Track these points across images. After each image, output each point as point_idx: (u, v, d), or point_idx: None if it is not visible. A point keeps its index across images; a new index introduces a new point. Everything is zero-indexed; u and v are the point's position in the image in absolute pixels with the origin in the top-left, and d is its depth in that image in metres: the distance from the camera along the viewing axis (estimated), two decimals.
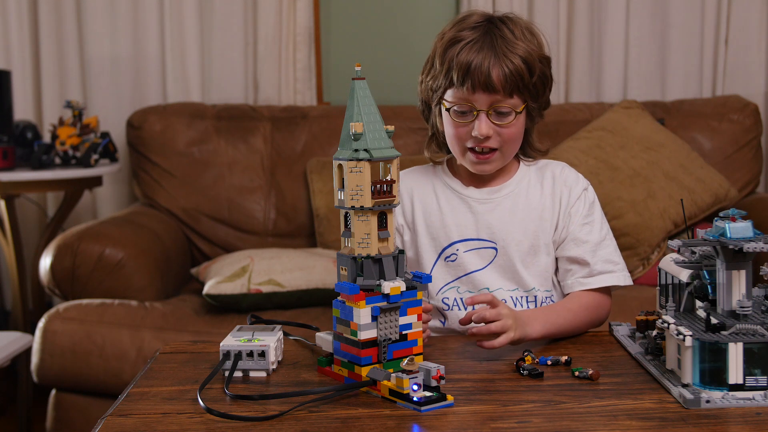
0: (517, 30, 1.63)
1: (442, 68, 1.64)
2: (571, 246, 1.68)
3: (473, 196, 1.70)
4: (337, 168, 1.35)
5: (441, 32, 1.68)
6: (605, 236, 1.70)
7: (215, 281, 2.71)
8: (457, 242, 1.69)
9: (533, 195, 1.70)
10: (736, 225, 1.28)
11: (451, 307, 1.69)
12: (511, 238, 1.68)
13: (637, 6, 3.52)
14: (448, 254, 1.69)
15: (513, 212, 1.69)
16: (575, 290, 1.67)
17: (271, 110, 3.38)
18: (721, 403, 1.24)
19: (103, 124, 3.41)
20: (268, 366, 1.42)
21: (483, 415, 1.24)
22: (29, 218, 3.58)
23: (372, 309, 1.33)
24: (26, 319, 3.18)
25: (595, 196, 1.73)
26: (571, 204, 1.69)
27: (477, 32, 1.62)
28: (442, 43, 1.65)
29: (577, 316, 1.60)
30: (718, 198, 3.13)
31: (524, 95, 1.63)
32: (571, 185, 1.71)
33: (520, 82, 1.60)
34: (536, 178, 1.72)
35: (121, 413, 1.28)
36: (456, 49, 1.62)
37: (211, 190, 3.27)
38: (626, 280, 1.69)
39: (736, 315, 1.28)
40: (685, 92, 3.55)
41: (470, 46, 1.61)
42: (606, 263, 1.67)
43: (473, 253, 1.68)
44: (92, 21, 3.47)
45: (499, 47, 1.60)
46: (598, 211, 1.71)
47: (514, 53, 1.60)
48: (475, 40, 1.61)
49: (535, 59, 1.62)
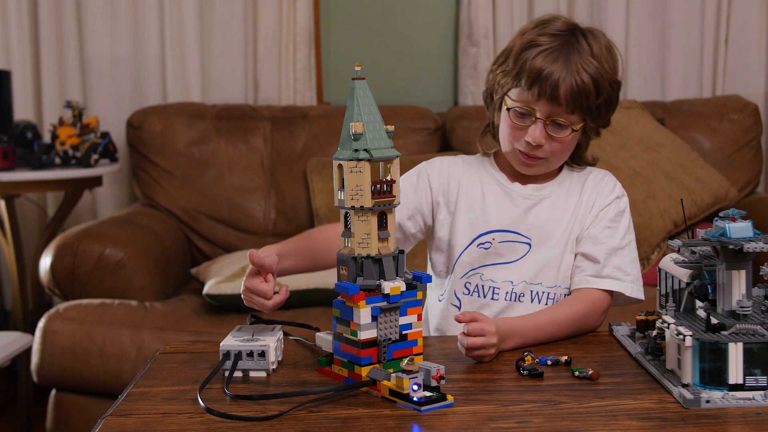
0: (596, 46, 1.64)
1: (515, 67, 1.64)
2: (588, 243, 1.69)
3: (517, 190, 1.72)
4: (337, 168, 1.35)
5: (522, 29, 1.69)
6: (626, 246, 1.69)
7: (215, 281, 2.71)
8: (495, 231, 1.70)
9: (572, 198, 1.72)
10: (736, 225, 1.28)
11: (471, 293, 1.70)
12: (547, 237, 1.69)
13: (637, 6, 3.53)
14: (483, 241, 1.70)
15: (552, 211, 1.70)
16: (580, 287, 1.67)
17: (271, 110, 3.38)
18: (721, 403, 1.24)
19: (103, 124, 3.41)
20: (268, 366, 1.42)
21: (483, 415, 1.24)
22: (29, 218, 3.58)
23: (372, 309, 1.33)
24: (26, 319, 3.18)
25: (627, 207, 1.73)
26: (601, 207, 1.71)
27: (556, 41, 1.63)
28: (521, 42, 1.65)
29: (560, 329, 1.59)
30: (718, 198, 3.13)
31: (585, 114, 1.64)
32: (607, 191, 1.72)
33: (585, 100, 1.62)
34: (577, 182, 1.74)
35: (121, 413, 1.28)
36: (532, 53, 1.62)
37: (211, 190, 3.27)
38: (634, 292, 1.67)
39: (736, 315, 1.28)
40: (685, 92, 3.56)
41: (546, 54, 1.61)
42: (617, 270, 1.67)
43: (507, 245, 1.70)
44: (92, 21, 3.47)
45: (574, 62, 1.60)
46: (626, 221, 1.71)
47: (586, 71, 1.60)
48: (553, 49, 1.62)
49: (605, 81, 1.63)
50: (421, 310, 1.38)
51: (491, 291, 1.69)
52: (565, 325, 1.59)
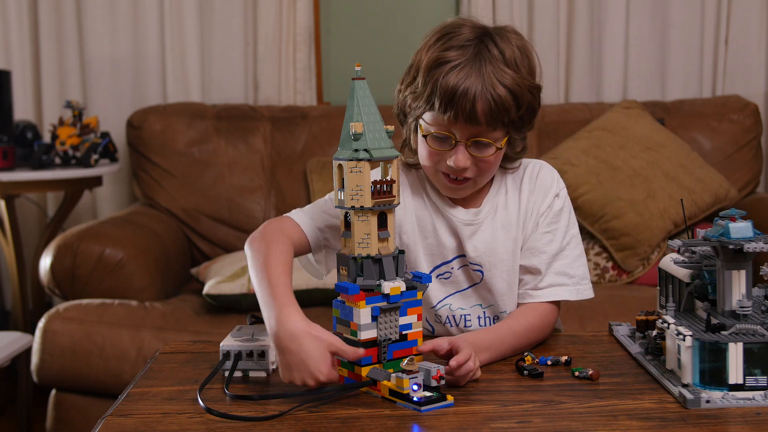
0: (509, 50, 1.50)
1: (425, 89, 1.51)
2: (528, 255, 1.61)
3: (459, 216, 1.61)
4: (337, 168, 1.35)
5: (426, 43, 1.54)
6: (566, 246, 1.61)
7: (215, 281, 2.71)
8: (453, 260, 1.63)
9: (512, 208, 1.63)
10: (736, 225, 1.28)
11: (444, 323, 1.65)
12: (497, 260, 1.61)
13: (637, 6, 3.53)
14: (442, 271, 1.63)
15: (494, 232, 1.61)
16: (525, 302, 1.61)
17: (271, 110, 3.38)
18: (721, 403, 1.24)
19: (103, 124, 3.41)
20: (268, 366, 1.42)
21: (483, 415, 1.24)
22: (29, 218, 3.58)
23: (372, 309, 1.33)
24: (26, 319, 3.18)
25: (565, 202, 1.63)
26: (540, 213, 1.62)
27: (465, 53, 1.49)
28: (427, 61, 1.51)
29: (519, 341, 1.52)
30: (718, 198, 3.13)
31: (508, 127, 1.52)
32: (545, 189, 1.63)
33: (505, 115, 1.49)
34: (513, 186, 1.64)
35: (121, 413, 1.28)
36: (441, 72, 1.48)
37: (211, 190, 3.27)
38: (579, 295, 1.61)
39: (736, 315, 1.28)
40: (685, 92, 3.55)
41: (457, 72, 1.47)
42: (559, 275, 1.60)
43: (465, 271, 1.63)
44: (92, 21, 3.47)
45: (487, 75, 1.47)
46: (565, 218, 1.62)
47: (501, 83, 1.47)
48: (462, 64, 1.48)
49: (524, 90, 1.50)
50: (420, 311, 1.38)
51: (462, 319, 1.64)
52: (522, 338, 1.53)
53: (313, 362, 1.28)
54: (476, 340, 1.46)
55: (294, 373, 1.30)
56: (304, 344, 1.29)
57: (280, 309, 1.32)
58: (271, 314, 1.33)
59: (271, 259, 1.41)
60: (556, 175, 1.66)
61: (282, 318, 1.31)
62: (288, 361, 1.30)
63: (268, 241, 1.45)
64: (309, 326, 1.30)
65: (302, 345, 1.29)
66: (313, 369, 1.28)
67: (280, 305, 1.33)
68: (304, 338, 1.29)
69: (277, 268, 1.40)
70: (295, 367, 1.29)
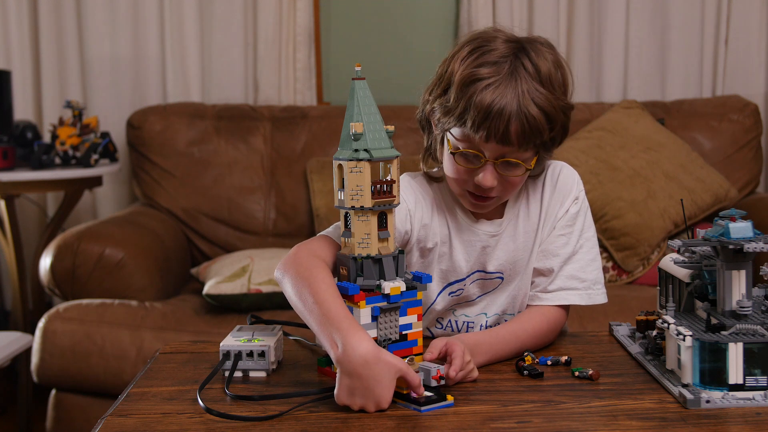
0: (544, 66, 1.47)
1: (457, 105, 1.47)
2: (541, 257, 1.60)
3: (483, 229, 1.59)
4: (337, 168, 1.35)
5: (458, 55, 1.50)
6: (579, 249, 1.60)
7: (215, 281, 2.71)
8: (466, 278, 1.61)
9: (533, 213, 1.62)
10: (736, 225, 1.28)
11: (444, 328, 1.64)
12: (520, 266, 1.61)
13: (637, 6, 3.53)
14: (454, 289, 1.62)
15: (515, 239, 1.60)
16: (533, 304, 1.60)
17: (271, 110, 3.38)
18: (721, 403, 1.24)
19: (103, 124, 3.41)
20: (268, 366, 1.42)
21: (483, 415, 1.24)
22: (29, 218, 3.58)
23: (372, 309, 1.33)
24: (26, 319, 3.18)
25: (582, 205, 1.62)
26: (558, 217, 1.61)
27: (500, 71, 1.45)
28: (461, 76, 1.47)
29: (523, 345, 1.51)
30: (718, 198, 3.13)
31: (539, 148, 1.50)
32: (565, 192, 1.61)
33: (538, 138, 1.46)
34: (533, 189, 1.63)
35: (121, 413, 1.28)
36: (475, 89, 1.44)
37: (211, 190, 3.27)
38: (590, 300, 1.59)
39: (736, 315, 1.28)
40: (685, 92, 3.56)
41: (492, 91, 1.43)
42: (569, 279, 1.59)
43: (478, 284, 1.62)
44: (92, 21, 3.47)
45: (522, 95, 1.43)
46: (581, 221, 1.61)
47: (536, 104, 1.44)
48: (497, 83, 1.44)
49: (557, 111, 1.47)
50: (420, 311, 1.38)
51: (465, 326, 1.63)
52: (527, 342, 1.52)
53: (380, 389, 1.25)
54: (477, 342, 1.46)
55: (356, 399, 1.26)
56: (375, 370, 1.25)
57: (349, 333, 1.27)
58: (338, 339, 1.28)
59: (319, 283, 1.35)
60: (577, 177, 1.64)
61: (354, 342, 1.26)
62: (353, 386, 1.26)
63: (307, 266, 1.40)
64: (378, 351, 1.26)
65: (373, 370, 1.25)
66: (378, 396, 1.25)
67: (348, 329, 1.28)
68: (376, 364, 1.25)
69: (328, 290, 1.34)
70: (359, 392, 1.26)
